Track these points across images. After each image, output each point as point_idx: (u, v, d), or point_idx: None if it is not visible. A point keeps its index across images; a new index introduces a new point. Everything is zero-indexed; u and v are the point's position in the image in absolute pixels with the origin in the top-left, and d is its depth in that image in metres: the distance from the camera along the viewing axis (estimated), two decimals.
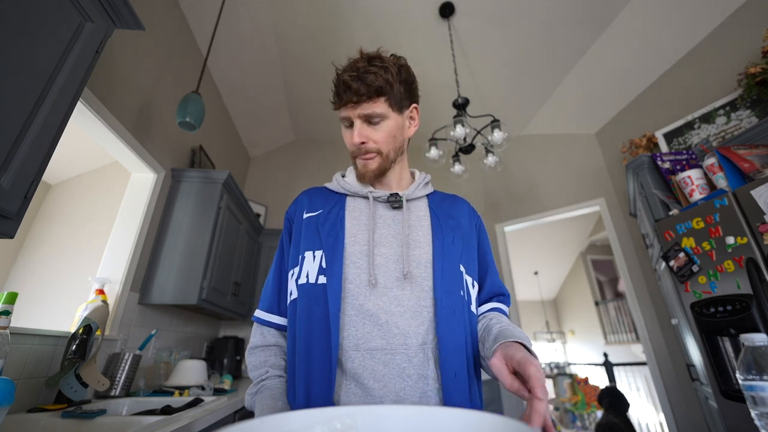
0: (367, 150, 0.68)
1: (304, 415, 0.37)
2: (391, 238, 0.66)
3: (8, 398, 0.77)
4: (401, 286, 0.61)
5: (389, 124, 0.68)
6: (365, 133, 0.67)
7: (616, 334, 6.55)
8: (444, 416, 0.38)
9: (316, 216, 0.70)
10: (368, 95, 0.64)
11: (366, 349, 0.57)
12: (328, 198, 0.74)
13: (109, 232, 1.85)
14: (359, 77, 0.63)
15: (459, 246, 0.68)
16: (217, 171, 2.17)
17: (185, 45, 2.29)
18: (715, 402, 1.55)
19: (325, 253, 0.63)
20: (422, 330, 0.59)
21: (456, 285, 0.64)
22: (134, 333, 1.78)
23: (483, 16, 2.48)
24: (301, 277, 0.65)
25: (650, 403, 3.93)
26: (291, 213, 0.76)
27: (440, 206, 0.74)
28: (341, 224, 0.67)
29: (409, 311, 0.60)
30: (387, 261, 0.63)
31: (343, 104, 0.66)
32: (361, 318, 0.59)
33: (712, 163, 1.67)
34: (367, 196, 0.71)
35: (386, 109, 0.66)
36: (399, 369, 0.56)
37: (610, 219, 2.94)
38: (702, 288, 1.58)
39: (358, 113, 0.65)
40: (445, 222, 0.70)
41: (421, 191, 0.75)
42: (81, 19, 1.01)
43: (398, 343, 0.57)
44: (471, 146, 2.38)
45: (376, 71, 0.64)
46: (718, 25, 2.23)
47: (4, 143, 0.81)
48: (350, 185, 0.73)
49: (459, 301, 0.63)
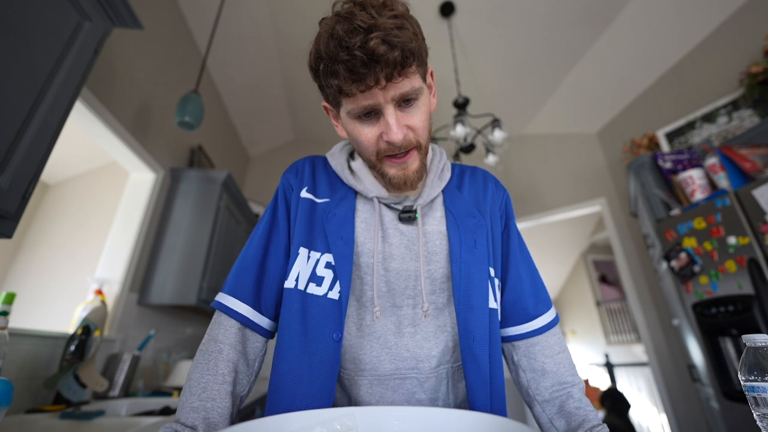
0: (408, 145, 0.50)
1: (304, 416, 0.37)
2: (407, 253, 0.53)
3: (6, 399, 0.77)
4: (413, 306, 0.52)
5: (425, 100, 0.50)
6: (405, 121, 0.48)
7: (617, 334, 6.54)
8: (444, 416, 0.38)
9: (321, 204, 0.56)
10: (404, 64, 0.43)
11: (375, 375, 0.49)
12: (334, 184, 0.59)
13: (107, 232, 1.84)
14: (389, 40, 0.42)
15: (483, 246, 0.55)
16: (216, 171, 2.17)
17: (184, 44, 2.29)
18: (716, 403, 1.54)
19: (337, 263, 0.51)
20: (436, 352, 0.51)
21: (483, 297, 0.53)
22: (133, 333, 1.78)
23: (483, 16, 2.47)
24: (289, 280, 0.53)
25: (651, 403, 3.92)
26: (289, 180, 0.61)
27: (458, 201, 0.59)
28: (352, 227, 0.53)
29: (424, 336, 0.51)
30: (398, 278, 0.52)
31: (368, 86, 0.44)
32: (368, 340, 0.51)
33: (713, 163, 1.67)
34: (373, 200, 0.56)
35: (420, 81, 0.48)
36: (408, 394, 0.49)
37: (611, 219, 2.93)
38: (703, 288, 1.57)
39: (392, 95, 0.45)
40: (463, 222, 0.56)
41: (437, 188, 0.58)
42: (79, 18, 1.01)
43: (408, 368, 0.50)
44: (471, 146, 2.37)
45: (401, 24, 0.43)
46: (719, 24, 2.23)
47: (2, 143, 0.81)
48: (360, 182, 0.57)
49: (493, 321, 0.54)
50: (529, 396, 0.58)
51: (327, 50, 0.44)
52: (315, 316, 0.50)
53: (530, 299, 0.59)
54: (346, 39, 0.42)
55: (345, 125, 0.52)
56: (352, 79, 0.43)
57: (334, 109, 0.53)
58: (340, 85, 0.45)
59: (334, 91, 0.47)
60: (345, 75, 0.43)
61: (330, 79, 0.46)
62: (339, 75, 0.44)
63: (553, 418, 0.55)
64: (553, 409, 0.55)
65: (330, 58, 0.44)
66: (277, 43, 2.69)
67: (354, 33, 0.42)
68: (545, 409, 0.56)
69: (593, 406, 0.56)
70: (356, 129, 0.50)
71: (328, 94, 0.50)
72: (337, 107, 0.51)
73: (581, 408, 0.53)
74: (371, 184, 0.57)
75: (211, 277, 2.01)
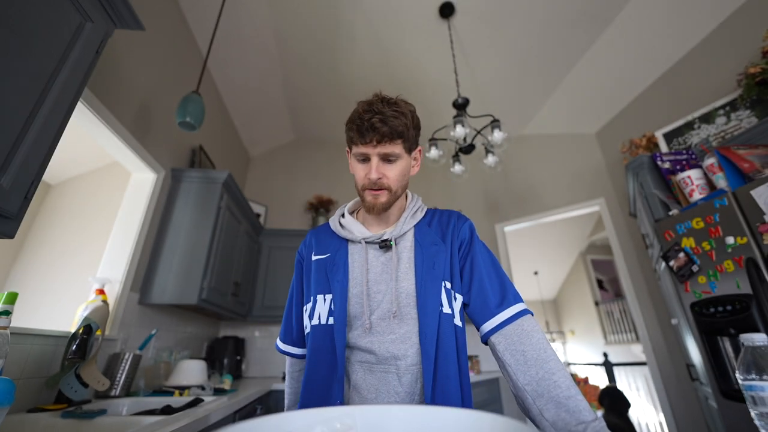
0: (380, 186, 0.74)
1: (304, 415, 0.37)
2: (385, 276, 0.74)
3: (8, 398, 0.77)
4: (391, 317, 0.70)
5: (402, 163, 0.75)
6: (382, 170, 0.73)
7: (615, 334, 6.54)
8: (444, 416, 0.38)
9: (324, 259, 0.80)
10: (390, 137, 0.70)
11: (367, 365, 0.69)
12: (332, 240, 0.83)
13: (109, 232, 1.85)
14: (384, 120, 0.69)
15: (441, 266, 0.74)
16: (217, 171, 2.17)
17: (185, 45, 2.29)
18: (714, 402, 1.55)
19: (334, 298, 0.74)
20: (411, 353, 0.67)
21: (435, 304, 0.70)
22: (134, 333, 1.78)
23: (483, 16, 2.48)
24: (314, 318, 0.75)
25: (650, 403, 3.93)
26: (302, 252, 0.88)
27: (426, 234, 0.79)
28: (345, 269, 0.76)
29: (399, 338, 0.69)
30: (383, 297, 0.72)
31: (365, 142, 0.71)
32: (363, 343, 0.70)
33: (712, 163, 1.67)
34: (361, 242, 0.79)
35: (402, 150, 0.73)
36: (390, 386, 0.66)
37: (610, 219, 2.94)
38: (702, 288, 1.58)
39: (378, 151, 0.72)
40: (427, 249, 0.76)
41: (409, 224, 0.80)
42: (81, 19, 1.02)
43: (390, 365, 0.67)
44: (471, 146, 2.38)
45: (398, 116, 0.70)
46: (718, 25, 2.24)
47: (4, 143, 0.81)
48: (349, 231, 0.81)
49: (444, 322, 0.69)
50: (517, 388, 0.62)
51: (353, 117, 0.73)
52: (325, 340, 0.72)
53: (496, 298, 0.71)
54: (363, 114, 0.71)
55: (351, 162, 0.78)
56: (359, 135, 0.71)
57: (349, 150, 0.79)
58: (353, 137, 0.73)
59: (349, 139, 0.75)
60: (356, 132, 0.71)
61: (350, 132, 0.74)
62: (353, 131, 0.72)
63: (543, 408, 0.57)
64: (542, 400, 0.58)
65: (352, 121, 0.73)
66: (278, 44, 2.69)
67: (368, 112, 0.70)
68: (536, 401, 0.58)
69: (583, 396, 0.56)
70: (355, 166, 0.77)
71: (348, 140, 0.76)
72: (350, 150, 0.78)
73: (571, 398, 0.56)
74: (358, 231, 0.80)
75: (212, 277, 2.02)
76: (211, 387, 1.67)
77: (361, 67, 2.89)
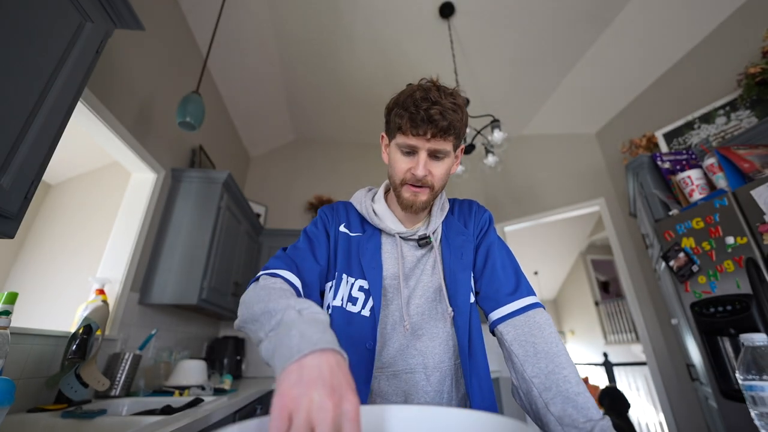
0: (424, 183, 0.67)
1: None
2: (416, 271, 0.71)
3: (8, 398, 0.77)
4: (421, 314, 0.68)
5: (449, 162, 0.69)
6: (429, 167, 0.67)
7: (615, 334, 6.54)
8: (445, 416, 0.38)
9: (355, 238, 0.74)
10: (446, 132, 0.63)
11: (392, 371, 0.64)
12: (363, 224, 0.76)
13: (109, 232, 1.85)
14: (444, 113, 0.62)
15: (469, 255, 0.73)
16: (217, 171, 2.17)
17: (185, 45, 2.29)
18: (714, 402, 1.55)
19: (371, 288, 0.67)
20: (439, 350, 0.65)
21: (466, 295, 0.69)
22: (134, 333, 1.78)
23: (483, 16, 2.48)
24: (337, 299, 0.68)
25: (650, 403, 3.93)
26: (326, 215, 0.78)
27: (452, 224, 0.77)
28: (379, 259, 0.71)
29: (429, 336, 0.66)
30: (412, 292, 0.69)
31: (417, 134, 0.63)
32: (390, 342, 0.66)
33: (712, 163, 1.67)
34: (395, 236, 0.74)
35: (451, 147, 0.67)
36: (419, 387, 0.63)
37: (610, 219, 2.94)
38: (702, 288, 1.58)
39: (429, 146, 0.64)
40: (454, 240, 0.74)
41: (439, 219, 0.76)
42: (81, 19, 1.02)
43: (416, 363, 0.64)
44: (471, 146, 2.38)
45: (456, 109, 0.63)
46: (718, 25, 2.24)
47: (4, 143, 0.81)
48: (381, 221, 0.75)
49: (473, 311, 0.69)
50: (522, 379, 0.60)
51: (404, 102, 0.64)
52: (354, 330, 0.65)
53: (509, 286, 0.69)
54: (419, 102, 0.62)
55: (390, 152, 0.71)
56: (411, 125, 0.63)
57: (387, 139, 0.73)
58: (401, 125, 0.64)
59: (394, 127, 0.67)
60: (408, 120, 0.63)
61: (396, 119, 0.65)
62: (404, 118, 0.63)
63: (549, 402, 0.55)
64: (549, 393, 0.56)
65: (403, 107, 0.64)
66: (278, 44, 2.69)
67: (425, 100, 0.62)
68: (542, 394, 0.57)
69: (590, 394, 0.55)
70: (397, 157, 0.69)
71: (389, 127, 0.70)
72: (391, 139, 0.70)
73: (581, 394, 0.54)
74: (392, 223, 0.74)
75: (212, 277, 2.02)
76: (211, 387, 1.67)
77: (361, 67, 2.89)
